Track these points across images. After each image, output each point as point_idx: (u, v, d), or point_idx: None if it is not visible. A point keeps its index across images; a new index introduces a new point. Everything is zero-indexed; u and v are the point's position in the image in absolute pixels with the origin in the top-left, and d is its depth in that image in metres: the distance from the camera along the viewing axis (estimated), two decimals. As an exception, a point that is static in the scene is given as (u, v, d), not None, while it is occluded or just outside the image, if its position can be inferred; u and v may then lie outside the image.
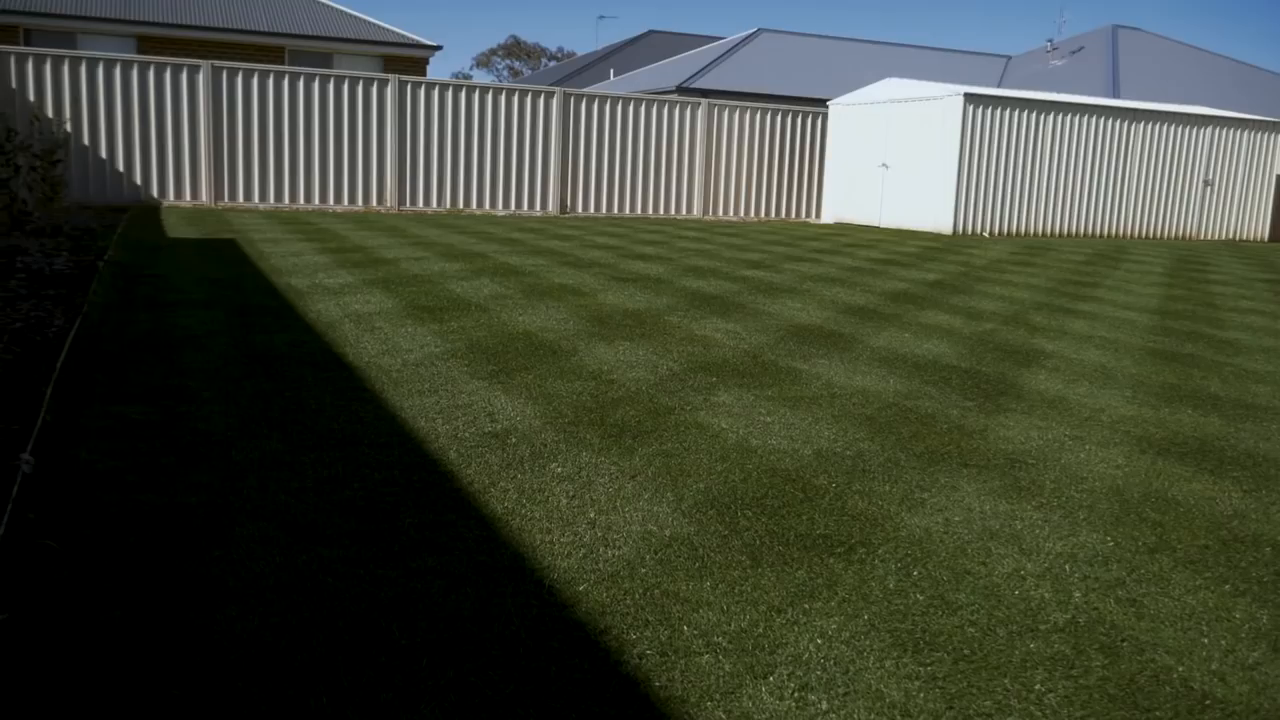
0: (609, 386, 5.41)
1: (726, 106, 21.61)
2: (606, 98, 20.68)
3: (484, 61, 72.61)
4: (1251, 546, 3.50)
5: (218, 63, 17.85)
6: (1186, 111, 21.47)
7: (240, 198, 18.12)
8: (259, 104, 18.02)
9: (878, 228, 20.43)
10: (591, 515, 3.47)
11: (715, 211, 21.75)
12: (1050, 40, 34.90)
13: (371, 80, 18.79)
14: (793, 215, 22.57)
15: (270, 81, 18.06)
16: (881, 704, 2.33)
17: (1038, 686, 2.45)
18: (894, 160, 20.28)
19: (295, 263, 10.06)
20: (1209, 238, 21.93)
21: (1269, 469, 4.49)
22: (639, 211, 21.09)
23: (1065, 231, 20.37)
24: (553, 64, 60.35)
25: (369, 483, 3.69)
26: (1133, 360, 7.02)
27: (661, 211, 21.29)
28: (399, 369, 5.59)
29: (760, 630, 2.67)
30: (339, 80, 18.57)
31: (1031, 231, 20.00)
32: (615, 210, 20.87)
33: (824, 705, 2.31)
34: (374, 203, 19.00)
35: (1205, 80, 30.66)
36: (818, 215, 22.64)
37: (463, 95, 19.39)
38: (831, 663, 2.51)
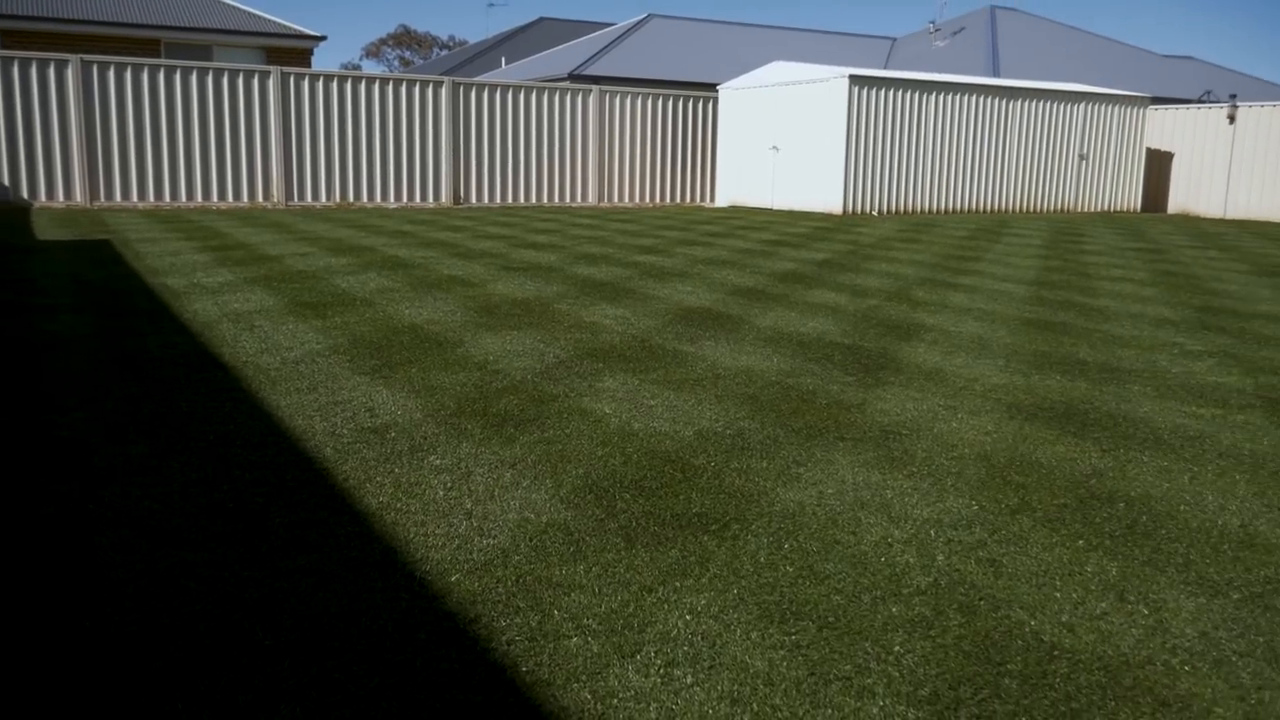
0: (494, 377, 5.38)
1: (618, 93, 21.61)
2: (497, 86, 20.50)
3: (374, 52, 71.27)
4: (1107, 503, 3.66)
5: (87, 57, 17.16)
6: (1062, 89, 22.22)
7: (117, 197, 17.48)
8: (133, 99, 17.39)
9: (771, 210, 20.69)
10: (468, 506, 3.45)
11: (610, 198, 21.76)
12: (933, 22, 35.74)
13: (252, 73, 18.28)
14: (688, 200, 22.71)
15: (145, 75, 17.44)
16: (745, 674, 2.38)
17: (897, 648, 2.52)
18: (784, 143, 20.55)
19: (173, 262, 9.75)
20: (1086, 210, 22.77)
21: (1128, 428, 4.69)
22: (534, 200, 20.98)
23: (951, 208, 20.92)
24: (444, 53, 59.53)
25: (239, 484, 3.61)
26: (1008, 330, 7.25)
27: (557, 200, 21.22)
28: (278, 367, 5.47)
29: (631, 610, 2.69)
30: (218, 73, 18.03)
31: (919, 209, 20.49)
32: (510, 200, 20.72)
33: (689, 679, 2.35)
34: (260, 198, 18.52)
35: (1079, 58, 31.77)
36: (712, 199, 22.83)
37: (349, 86, 19.00)
38: (699, 638, 2.55)
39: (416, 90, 19.56)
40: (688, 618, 2.66)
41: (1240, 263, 12.49)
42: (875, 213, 19.82)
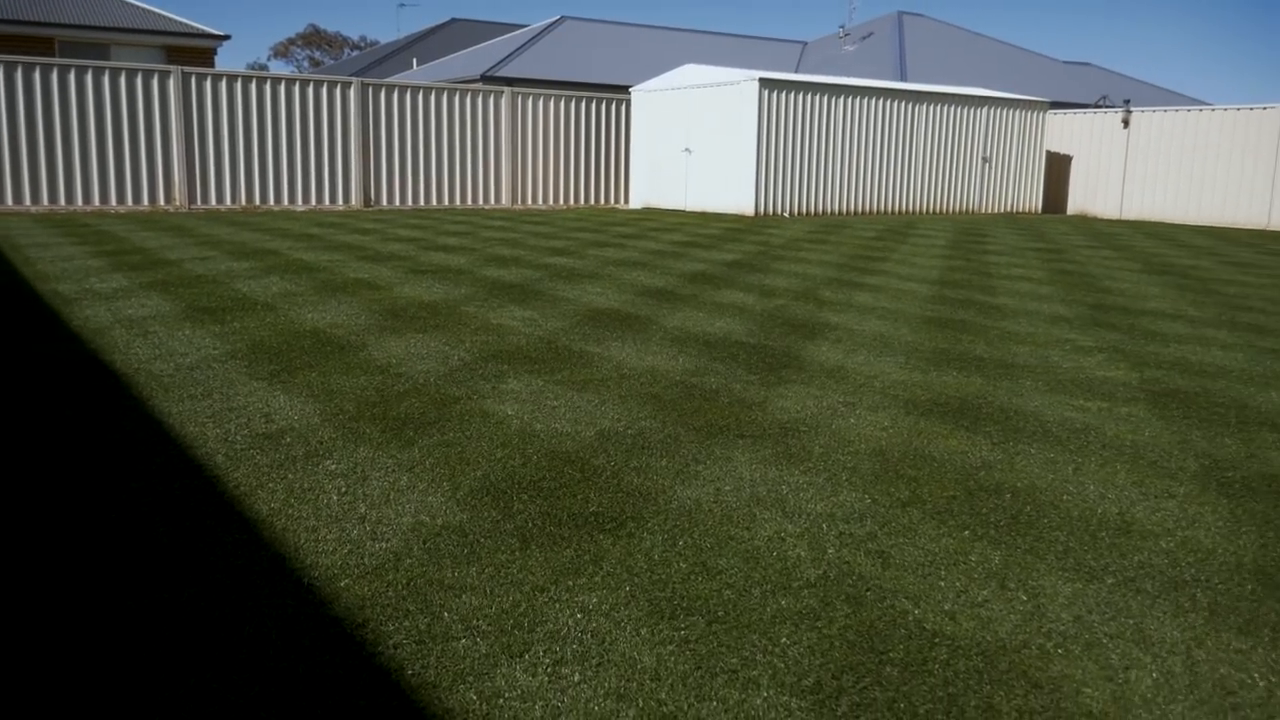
0: (396, 380, 5.32)
1: (531, 95, 21.54)
2: (407, 87, 20.27)
3: (282, 51, 69.87)
4: (994, 494, 3.77)
5: (-26, 55, 16.50)
6: (966, 93, 22.79)
7: (9, 201, 16.84)
8: (24, 99, 16.78)
9: (684, 211, 20.83)
10: (362, 510, 3.41)
11: (524, 201, 21.67)
12: (843, 26, 36.36)
13: (152, 72, 17.78)
14: (602, 202, 22.74)
15: (36, 75, 16.84)
16: (633, 670, 2.39)
17: (784, 640, 2.56)
18: (696, 145, 20.70)
19: (65, 268, 9.43)
20: (989, 211, 23.38)
21: (1018, 422, 4.83)
22: (446, 203, 20.79)
23: (860, 209, 21.30)
24: (355, 53, 58.64)
25: (123, 495, 3.51)
26: (910, 328, 7.41)
27: (469, 202, 21.06)
28: (171, 374, 5.33)
29: (522, 610, 2.69)
30: (115, 72, 17.49)
31: (829, 210, 20.82)
32: (422, 202, 20.51)
33: (576, 677, 2.35)
34: (161, 202, 18.02)
35: (983, 63, 32.62)
36: (626, 201, 22.89)
37: (254, 87, 18.60)
38: (588, 635, 2.56)
39: (324, 91, 19.24)
40: (578, 616, 2.66)
41: (1132, 261, 12.95)
42: (787, 214, 20.08)
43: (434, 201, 20.64)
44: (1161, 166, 22.42)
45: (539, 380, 5.40)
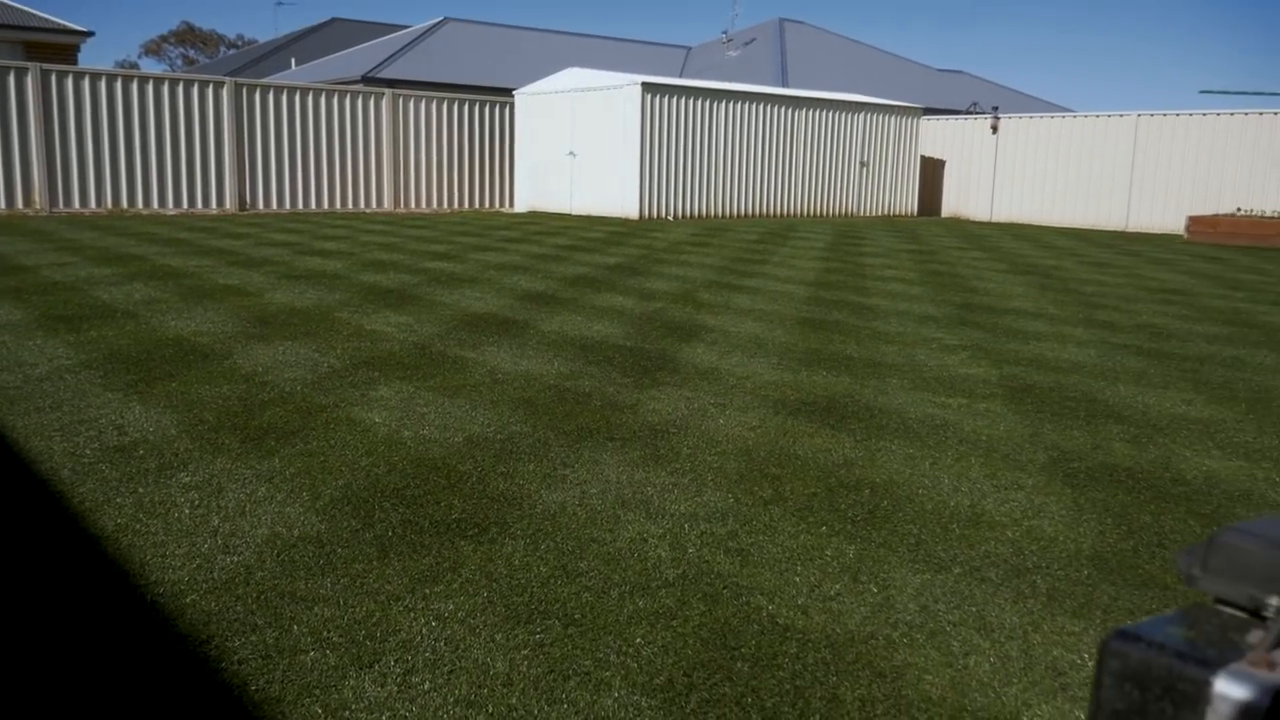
0: (261, 389, 5.18)
1: (412, 96, 21.25)
2: (284, 88, 19.78)
3: (154, 49, 67.35)
4: (854, 490, 3.87)
5: None
6: (844, 99, 23.35)
7: None
8: None
9: (569, 215, 20.82)
10: (215, 523, 3.31)
11: (406, 204, 21.36)
12: (725, 32, 36.87)
13: (8, 69, 16.95)
14: (487, 205, 22.56)
15: (-121, 71, 15.88)
16: (485, 676, 2.38)
17: (638, 640, 2.59)
18: (581, 148, 20.72)
19: (-91, 275, 8.92)
20: (867, 214, 24.00)
21: (882, 419, 4.97)
22: (325, 206, 20.35)
23: (743, 213, 21.63)
24: (231, 52, 56.91)
25: (-42, 512, 3.34)
26: (784, 330, 7.56)
27: (350, 206, 20.65)
28: (19, 385, 5.09)
29: (375, 620, 2.65)
30: (-34, 69, 16.61)
31: (713, 214, 21.08)
32: (300, 206, 20.02)
33: (426, 685, 2.33)
34: (19, 205, 17.19)
35: (861, 70, 33.48)
36: (511, 205, 22.77)
37: (119, 85, 17.89)
38: (442, 643, 2.54)
39: (195, 91, 18.63)
40: (433, 624, 2.64)
41: (1000, 262, 13.45)
42: (671, 217, 20.26)
43: (313, 205, 20.18)
44: (1028, 171, 23.35)
45: (410, 387, 5.33)
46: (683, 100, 20.18)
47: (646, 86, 19.51)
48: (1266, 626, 1.04)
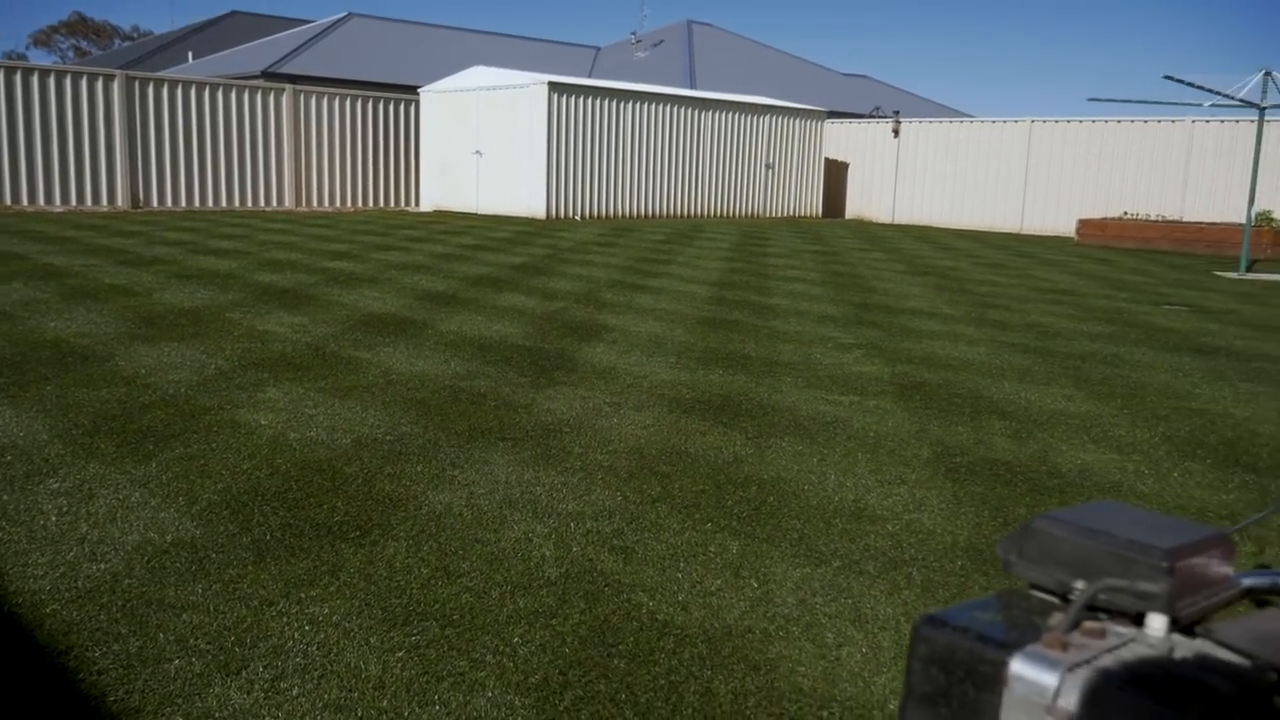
0: (142, 391, 5.02)
1: (315, 93, 20.84)
2: (179, 82, 19.22)
3: (43, 40, 64.78)
4: (741, 487, 3.91)
5: None
6: (750, 101, 23.62)
7: None
8: None
9: (476, 214, 20.66)
10: (83, 530, 3.20)
11: (309, 203, 20.94)
12: (634, 33, 36.98)
13: (-121, 58, 16.11)
14: (392, 204, 22.25)
15: None
16: (357, 680, 2.35)
17: (516, 640, 2.58)
18: (487, 147, 20.57)
19: None
20: (773, 216, 24.32)
21: (774, 417, 5.04)
22: (224, 204, 19.83)
23: (650, 213, 21.72)
24: (126, 44, 55.08)
25: None
26: (685, 329, 7.61)
27: (250, 204, 20.16)
28: (-121, 389, 4.85)
29: (246, 626, 2.59)
30: None
31: (621, 214, 21.12)
32: (197, 204, 19.48)
33: (295, 691, 2.29)
34: (-106, 201, 16.38)
35: (767, 73, 33.90)
36: (417, 204, 22.49)
37: (1, 77, 17.16)
38: (314, 648, 2.49)
39: (84, 84, 17.97)
40: (306, 628, 2.59)
41: (899, 263, 13.75)
42: (578, 217, 20.24)
43: (211, 203, 19.65)
44: (929, 174, 23.93)
45: (300, 388, 5.22)
46: (590, 100, 20.18)
47: (553, 86, 19.46)
48: (1066, 609, 1.08)
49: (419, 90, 22.40)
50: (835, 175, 25.82)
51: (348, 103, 21.24)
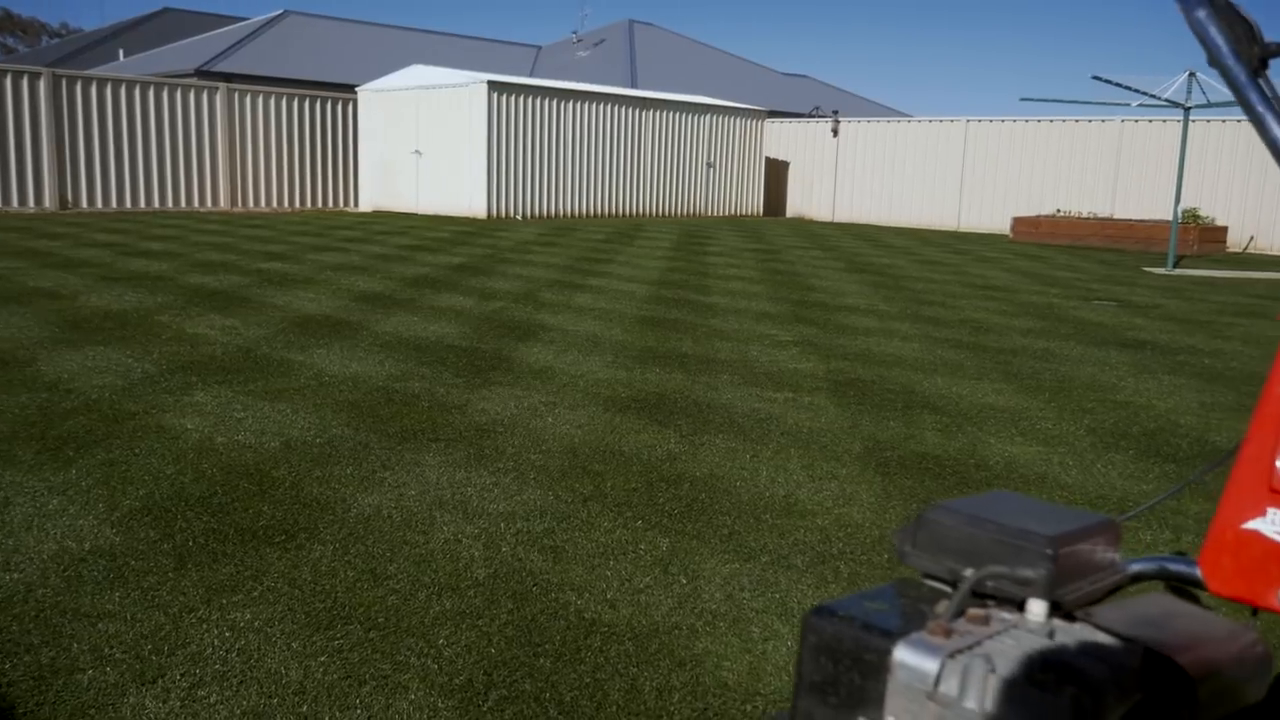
0: (64, 396, 4.91)
1: (250, 91, 20.52)
2: (109, 80, 18.80)
3: (-33, 38, 62.93)
4: (674, 484, 3.93)
5: None
6: (691, 101, 23.70)
7: None
8: None
9: (416, 215, 20.48)
10: (-2, 539, 3.11)
11: (245, 204, 20.61)
12: (575, 32, 36.93)
13: None
14: (330, 205, 21.98)
15: None
16: (277, 686, 2.32)
17: (441, 641, 2.56)
18: (427, 147, 20.40)
19: None
20: (714, 214, 24.44)
21: (709, 415, 5.06)
22: (156, 205, 19.44)
23: (592, 213, 21.70)
24: (55, 41, 53.75)
25: None
26: (623, 328, 7.61)
27: (183, 205, 19.79)
28: None
29: (164, 633, 2.54)
30: None
31: (562, 213, 21.08)
32: (129, 205, 19.07)
33: (213, 699, 2.25)
34: None
35: (708, 72, 34.05)
36: (356, 204, 22.25)
37: (-79, 75, 16.67)
38: (234, 654, 2.45)
39: (9, 82, 17.51)
40: (227, 634, 2.55)
41: (838, 261, 13.90)
42: (520, 217, 20.16)
43: (143, 204, 19.25)
44: (868, 173, 24.20)
45: (229, 391, 5.14)
46: (531, 100, 20.11)
47: (493, 85, 19.36)
48: (951, 597, 1.10)
49: (357, 89, 22.15)
50: (776, 174, 26.01)
51: (284, 102, 20.93)
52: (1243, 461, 1.08)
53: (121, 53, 33.66)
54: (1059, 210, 21.04)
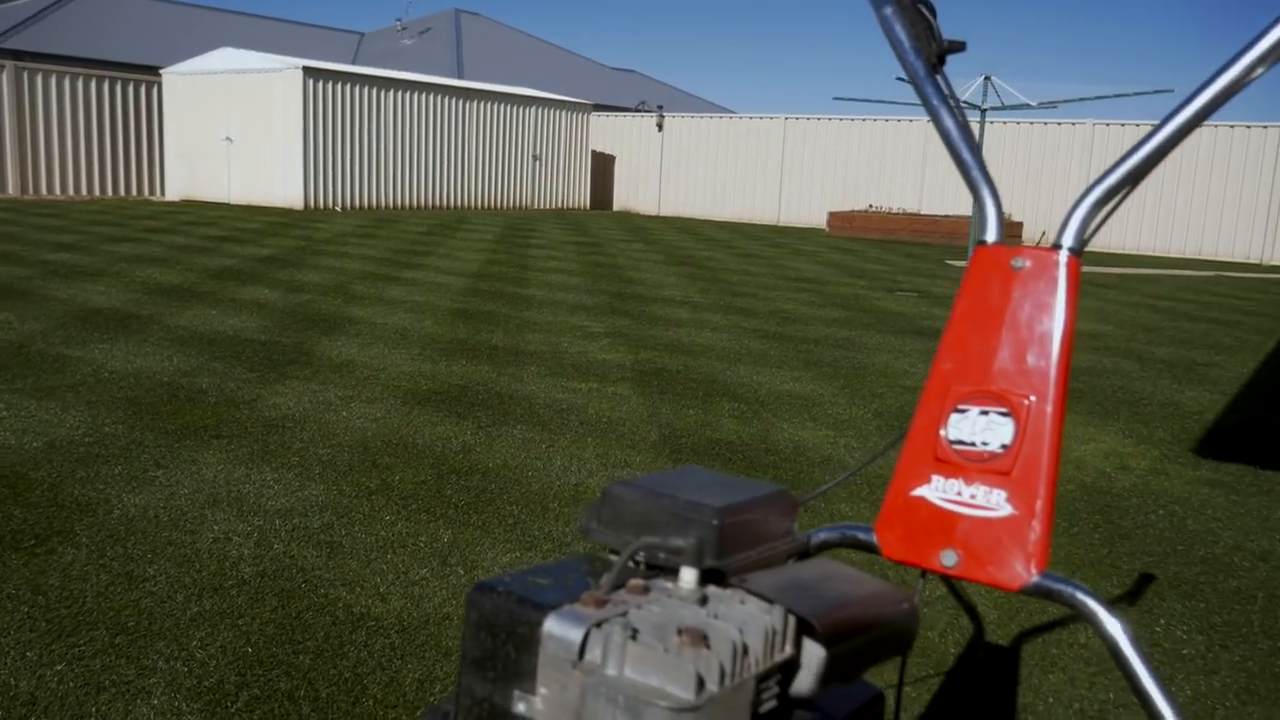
0: None
1: (41, 70, 19.18)
2: (-126, 55, 17.21)
3: None
4: (465, 476, 3.89)
5: None
6: (517, 92, 23.55)
7: None
8: None
9: (228, 204, 19.62)
10: None
11: (36, 190, 19.27)
12: (399, 19, 36.12)
13: None
14: (134, 193, 20.81)
15: None
16: (4, 698, 2.17)
17: (194, 644, 2.46)
18: (239, 134, 19.56)
19: None
20: (540, 207, 24.38)
21: (511, 406, 5.05)
22: (-65, 191, 17.95)
23: (415, 204, 21.29)
24: None
25: None
26: (434, 321, 7.50)
27: (-34, 191, 18.35)
28: None
29: (-120, 650, 2.35)
30: None
31: (383, 205, 20.60)
32: (-99, 190, 17.53)
33: (-73, 717, 2.10)
34: None
35: (536, 64, 33.91)
36: (163, 193, 21.13)
37: None
38: (-42, 668, 2.29)
39: None
40: (-47, 648, 2.38)
41: (659, 254, 14.09)
42: (338, 208, 19.59)
43: (-82, 190, 17.74)
44: (692, 167, 24.63)
45: (-8, 389, 4.79)
46: (350, 87, 19.55)
47: (308, 71, 18.72)
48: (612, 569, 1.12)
49: (161, 71, 21.02)
50: (603, 168, 26.16)
51: (79, 82, 19.67)
52: (913, 433, 1.15)
53: (-105, 25, 30.85)
54: (871, 206, 21.95)
